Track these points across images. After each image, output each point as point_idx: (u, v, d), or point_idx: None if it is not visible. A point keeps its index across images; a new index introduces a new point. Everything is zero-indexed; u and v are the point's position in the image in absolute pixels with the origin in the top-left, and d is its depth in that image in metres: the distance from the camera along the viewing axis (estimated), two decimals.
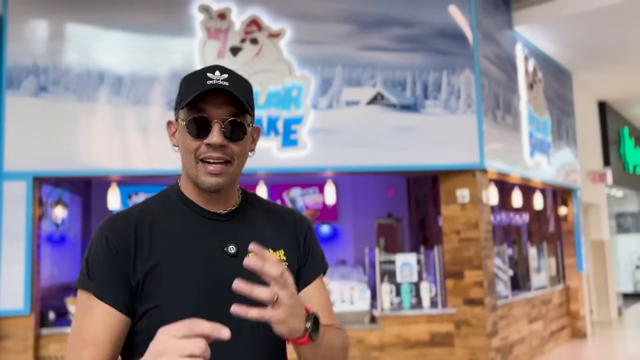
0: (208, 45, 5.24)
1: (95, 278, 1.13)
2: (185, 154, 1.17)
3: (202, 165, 1.15)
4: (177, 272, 1.13)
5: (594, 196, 9.73)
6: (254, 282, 1.06)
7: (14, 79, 4.94)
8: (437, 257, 5.92)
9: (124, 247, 1.13)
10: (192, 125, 1.13)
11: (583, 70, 8.72)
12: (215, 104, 1.13)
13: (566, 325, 8.27)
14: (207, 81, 1.13)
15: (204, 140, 1.13)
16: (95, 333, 1.10)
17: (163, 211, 1.20)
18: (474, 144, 5.67)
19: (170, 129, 1.24)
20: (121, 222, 1.17)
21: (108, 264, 1.13)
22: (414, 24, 5.68)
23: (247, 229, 1.21)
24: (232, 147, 1.15)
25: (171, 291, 1.11)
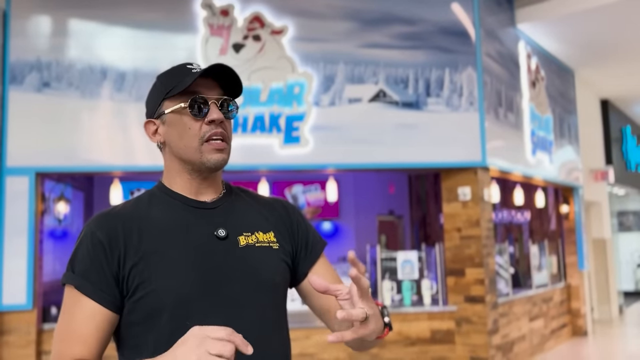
0: (211, 41, 5.24)
1: (81, 274, 1.13)
2: (188, 139, 1.20)
3: (207, 145, 1.20)
4: (169, 258, 1.14)
5: (596, 194, 9.73)
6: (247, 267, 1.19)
7: (17, 74, 4.95)
8: (438, 254, 5.93)
9: (111, 241, 1.14)
10: (192, 106, 1.19)
11: (585, 68, 8.71)
12: (206, 87, 1.21)
13: (567, 323, 8.28)
14: (191, 70, 1.21)
15: (206, 118, 1.19)
16: (81, 331, 1.10)
17: (150, 205, 1.22)
18: (476, 142, 5.67)
19: (149, 128, 1.26)
20: (108, 217, 1.18)
21: (95, 259, 1.13)
22: (417, 22, 5.68)
23: (235, 214, 1.26)
24: (226, 126, 1.23)
25: (166, 277, 1.12)
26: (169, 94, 1.21)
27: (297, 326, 5.35)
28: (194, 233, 1.18)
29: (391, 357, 5.49)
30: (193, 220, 1.21)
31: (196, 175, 1.23)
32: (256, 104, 5.24)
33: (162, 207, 1.22)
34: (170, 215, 1.20)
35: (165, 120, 1.23)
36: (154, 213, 1.21)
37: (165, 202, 1.23)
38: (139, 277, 1.11)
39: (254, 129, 5.20)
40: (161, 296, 1.10)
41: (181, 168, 1.24)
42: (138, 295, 1.11)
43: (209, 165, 1.20)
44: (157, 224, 1.18)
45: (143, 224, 1.18)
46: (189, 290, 1.12)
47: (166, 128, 1.23)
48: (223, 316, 1.12)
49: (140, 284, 1.11)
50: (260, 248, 1.23)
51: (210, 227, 1.20)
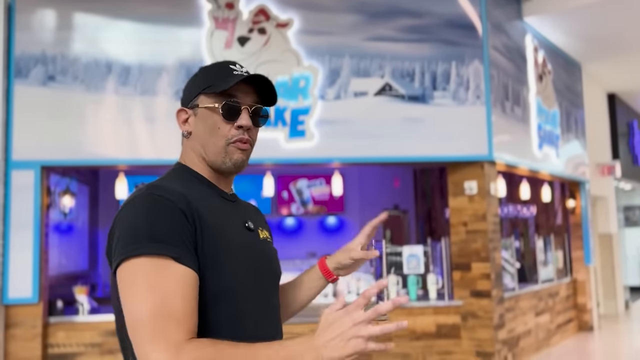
0: (216, 35, 5.22)
1: (169, 241, 1.04)
2: (215, 137, 1.24)
3: (232, 146, 1.24)
4: (231, 243, 1.17)
5: (602, 189, 9.67)
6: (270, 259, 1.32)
7: (22, 68, 4.94)
8: (444, 249, 5.90)
9: (190, 213, 1.10)
10: (225, 108, 1.23)
11: (593, 62, 8.64)
12: (243, 92, 1.25)
13: (573, 318, 8.25)
14: (233, 72, 1.25)
15: (235, 123, 1.23)
16: (185, 305, 1.01)
17: (191, 188, 1.21)
18: (483, 136, 5.64)
19: (181, 116, 1.29)
20: (175, 190, 1.14)
21: (182, 226, 1.08)
22: (423, 14, 5.64)
23: (247, 211, 1.36)
24: (253, 132, 1.28)
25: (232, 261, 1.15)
26: (206, 89, 1.24)
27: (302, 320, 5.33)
28: (235, 222, 1.25)
29: (397, 351, 5.48)
30: (229, 209, 1.27)
31: (217, 172, 1.28)
32: None
33: (202, 191, 1.23)
34: (215, 201, 1.24)
35: (197, 113, 1.26)
36: (201, 194, 1.21)
37: (201, 187, 1.25)
38: (210, 256, 1.11)
39: None
40: (228, 279, 1.13)
41: (202, 160, 1.27)
42: (208, 273, 1.10)
43: (229, 165, 1.24)
44: (212, 209, 1.19)
45: (202, 205, 1.16)
46: (250, 277, 1.19)
47: (196, 120, 1.26)
48: (265, 303, 1.23)
49: (211, 263, 1.11)
50: (269, 243, 1.36)
51: (240, 218, 1.28)
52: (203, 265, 1.10)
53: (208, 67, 1.30)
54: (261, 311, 1.22)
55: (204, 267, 1.10)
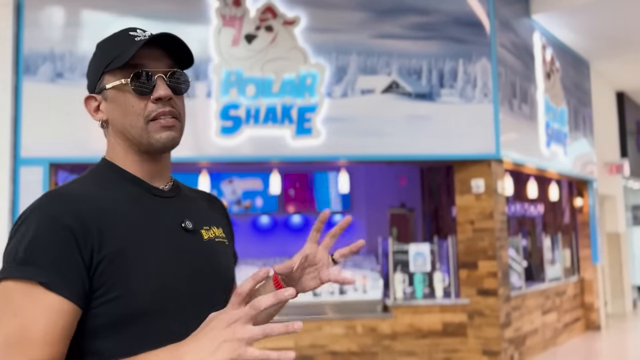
0: (223, 32, 5.23)
1: (48, 266, 0.92)
2: (131, 117, 1.06)
3: (153, 124, 1.06)
4: (144, 253, 1.00)
5: (611, 188, 9.62)
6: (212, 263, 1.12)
7: (30, 65, 4.97)
8: (450, 247, 5.90)
9: (83, 227, 0.95)
10: (135, 82, 1.04)
11: (601, 60, 8.59)
12: (153, 58, 1.06)
13: (580, 317, 8.22)
14: (135, 38, 1.06)
15: (152, 96, 1.05)
16: (45, 331, 0.90)
17: (110, 188, 1.06)
18: (490, 134, 5.62)
19: (90, 105, 1.12)
20: (71, 199, 0.99)
21: (65, 247, 0.93)
22: (430, 12, 5.62)
23: (191, 205, 1.17)
24: (177, 102, 1.09)
25: (140, 276, 0.98)
26: (108, 66, 1.06)
27: (309, 318, 5.35)
28: (161, 224, 1.06)
29: (403, 349, 5.47)
30: (157, 209, 1.08)
31: (146, 157, 1.10)
32: (268, 95, 5.22)
33: (124, 192, 1.07)
34: (133, 203, 1.06)
35: (107, 97, 1.08)
36: (118, 198, 1.05)
37: (121, 185, 1.08)
38: (113, 273, 0.96)
39: (266, 120, 5.19)
40: (135, 300, 0.96)
41: (128, 148, 1.09)
42: (112, 294, 0.96)
43: (157, 146, 1.07)
44: (125, 213, 1.03)
45: (111, 211, 1.01)
46: (180, 286, 1.03)
47: (108, 105, 1.09)
48: (196, 315, 1.01)
49: (115, 282, 0.96)
50: (219, 243, 1.16)
51: (175, 217, 1.09)
52: (108, 285, 0.96)
53: (105, 40, 1.11)
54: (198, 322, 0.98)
55: (110, 287, 0.96)
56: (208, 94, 5.14)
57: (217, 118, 5.13)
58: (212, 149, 5.13)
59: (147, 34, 1.08)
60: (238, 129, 5.15)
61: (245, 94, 5.18)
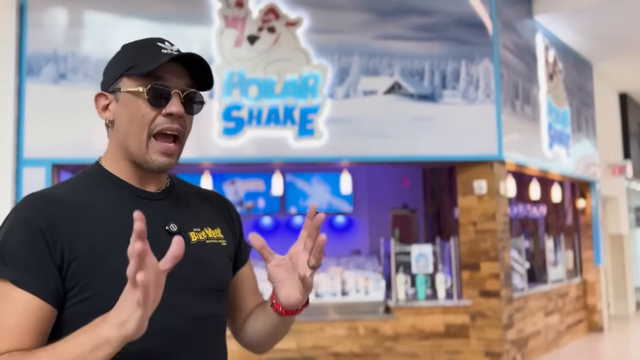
0: (225, 33, 5.23)
1: (12, 264, 0.95)
2: (137, 126, 1.06)
3: (156, 143, 1.07)
4: (119, 256, 0.96)
5: (613, 189, 9.60)
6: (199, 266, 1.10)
7: (33, 66, 4.98)
8: (453, 248, 5.89)
9: (53, 229, 0.98)
10: (151, 93, 1.05)
11: (604, 61, 8.57)
12: (174, 74, 1.08)
13: (583, 318, 8.20)
14: (161, 50, 1.07)
15: (164, 110, 1.06)
16: (13, 323, 0.93)
17: (93, 192, 1.08)
18: (493, 135, 5.61)
19: (100, 102, 1.12)
20: (46, 201, 1.02)
21: (31, 247, 0.97)
22: (433, 13, 5.62)
23: (183, 207, 1.16)
24: (186, 121, 1.10)
25: (115, 277, 0.95)
26: (130, 70, 1.07)
27: (311, 319, 5.35)
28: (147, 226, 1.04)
29: (405, 350, 5.47)
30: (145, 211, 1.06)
31: (138, 168, 1.10)
32: (271, 96, 5.22)
33: (106, 194, 1.08)
34: (117, 205, 1.07)
35: (119, 98, 1.09)
36: (98, 201, 1.06)
37: (108, 189, 1.09)
38: (86, 274, 0.98)
39: (269, 122, 5.19)
40: (110, 299, 0.93)
41: (124, 155, 1.11)
42: (85, 294, 0.98)
43: (151, 167, 1.08)
44: (103, 214, 1.04)
45: (87, 213, 1.03)
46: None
47: (118, 107, 1.09)
48: (176, 318, 1.03)
49: (88, 283, 0.98)
50: (211, 245, 1.14)
51: (160, 220, 1.08)
52: (79, 287, 0.97)
53: (132, 45, 1.12)
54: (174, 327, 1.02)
55: (81, 289, 0.97)
56: (210, 95, 5.14)
57: (219, 119, 5.13)
58: (215, 150, 5.14)
59: (174, 49, 1.10)
60: (240, 130, 5.15)
61: (248, 95, 5.19)
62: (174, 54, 1.06)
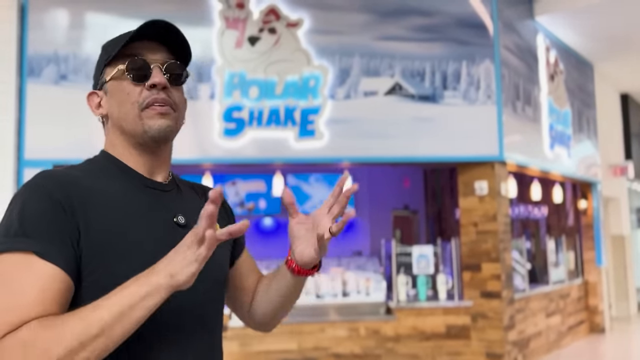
0: (226, 34, 5.23)
1: (35, 235, 0.93)
2: (127, 106, 1.08)
3: (147, 111, 1.07)
4: (130, 242, 1.01)
5: (615, 190, 9.59)
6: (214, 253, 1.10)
7: (34, 67, 4.99)
8: (454, 249, 5.88)
9: (72, 205, 0.97)
10: (130, 69, 1.07)
11: (605, 62, 8.56)
12: (150, 49, 1.09)
13: (584, 319, 8.18)
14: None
15: (147, 83, 1.07)
16: (36, 294, 0.90)
17: (102, 177, 1.07)
18: (493, 136, 5.61)
19: (93, 100, 1.15)
20: (62, 178, 1.01)
21: (53, 218, 0.95)
22: (434, 14, 5.62)
23: (187, 200, 1.17)
24: (173, 93, 1.10)
25: (127, 263, 0.98)
26: (108, 59, 1.09)
27: (312, 320, 5.34)
28: (153, 217, 1.07)
29: (406, 352, 5.46)
30: (152, 202, 1.09)
31: (144, 150, 1.11)
32: (271, 97, 5.22)
33: (117, 182, 1.08)
34: (128, 193, 1.07)
35: (107, 90, 1.11)
36: (110, 187, 1.06)
37: (117, 176, 1.09)
38: (98, 255, 0.97)
39: (269, 122, 5.19)
40: (120, 280, 0.95)
41: (126, 142, 1.11)
42: (95, 276, 0.97)
43: (151, 134, 1.07)
44: (116, 201, 1.04)
45: (101, 197, 1.03)
46: None
47: (108, 99, 1.11)
48: (180, 310, 1.04)
49: (99, 264, 0.97)
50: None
51: (169, 212, 1.09)
52: (91, 267, 0.97)
53: (108, 41, 1.14)
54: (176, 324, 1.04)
55: (93, 269, 0.97)
56: (211, 96, 5.15)
57: (220, 120, 5.14)
58: (215, 150, 5.14)
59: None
60: (241, 131, 5.15)
61: (249, 96, 5.19)
62: (142, 25, 1.06)
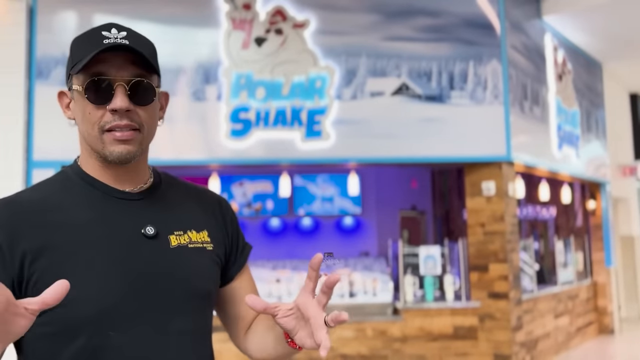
0: (233, 36, 5.25)
1: None
2: (87, 125, 1.01)
3: (108, 135, 1.00)
4: (88, 260, 0.95)
5: (624, 190, 9.52)
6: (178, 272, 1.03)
7: (43, 69, 5.02)
8: (461, 250, 5.86)
9: (12, 236, 0.94)
10: (91, 90, 0.99)
11: (614, 61, 8.51)
12: (115, 65, 0.99)
13: (593, 321, 8.13)
14: (103, 40, 0.99)
15: (108, 106, 0.99)
16: None
17: (63, 193, 1.04)
18: (501, 136, 5.59)
19: (62, 101, 1.09)
20: (9, 209, 0.97)
21: None
22: (440, 14, 5.61)
23: (165, 209, 1.09)
24: (139, 113, 1.02)
25: (85, 284, 0.93)
26: (73, 69, 1.01)
27: None
28: (117, 230, 1.01)
29: (413, 352, 5.45)
30: (116, 214, 1.03)
31: (108, 164, 1.05)
32: (278, 98, 5.23)
33: (78, 195, 1.04)
34: (88, 207, 1.02)
35: (73, 96, 1.05)
36: (67, 202, 1.02)
37: (81, 188, 1.05)
38: (51, 281, 0.87)
39: (276, 123, 5.20)
40: (80, 307, 0.91)
41: (90, 153, 1.06)
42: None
43: (111, 159, 1.01)
44: (72, 216, 1.00)
45: (55, 215, 0.99)
46: (112, 300, 0.95)
47: (74, 105, 1.05)
48: (150, 327, 0.98)
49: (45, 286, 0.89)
50: (194, 250, 1.07)
51: (136, 223, 1.03)
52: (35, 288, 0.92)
53: (77, 38, 1.04)
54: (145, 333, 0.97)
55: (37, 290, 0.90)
56: (218, 97, 5.16)
57: (227, 121, 5.15)
58: (223, 151, 5.15)
59: (119, 36, 1.00)
60: (248, 132, 5.17)
61: (255, 97, 5.20)
62: (105, 45, 0.97)
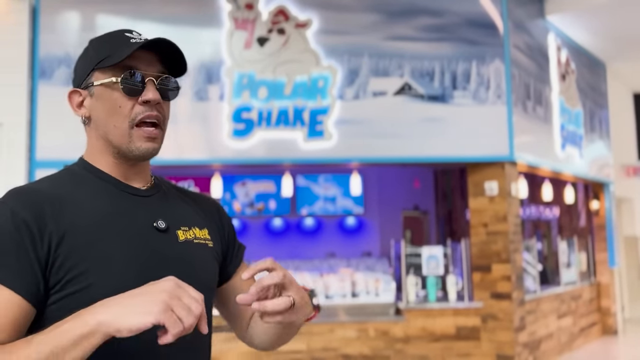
0: (235, 35, 5.25)
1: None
2: (116, 118, 1.06)
3: (138, 130, 1.06)
4: (107, 250, 1.00)
5: (628, 191, 9.49)
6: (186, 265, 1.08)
7: (46, 69, 5.03)
8: (464, 250, 5.85)
9: (39, 220, 0.96)
10: (127, 82, 1.04)
11: (617, 61, 8.48)
12: (145, 61, 1.07)
13: (596, 321, 8.10)
14: (130, 40, 1.06)
15: (141, 98, 1.05)
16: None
17: (74, 186, 1.07)
18: (504, 136, 5.57)
19: (73, 100, 1.12)
20: (30, 194, 1.00)
21: (18, 242, 0.94)
22: (443, 13, 5.60)
23: (171, 205, 1.15)
24: (163, 107, 1.09)
25: (104, 272, 0.98)
26: (100, 63, 1.06)
27: (321, 320, 5.34)
28: (131, 222, 1.05)
29: (415, 353, 5.44)
30: (130, 207, 1.07)
31: (122, 161, 1.10)
32: (280, 98, 5.23)
33: (91, 188, 1.07)
34: (103, 200, 1.06)
35: (93, 93, 1.08)
36: (82, 194, 1.05)
37: (93, 183, 1.09)
38: (73, 268, 0.96)
39: (278, 123, 5.20)
40: (99, 293, 0.93)
41: (105, 149, 1.10)
42: (70, 289, 0.96)
43: (137, 154, 1.07)
44: (89, 208, 1.03)
45: (73, 207, 1.02)
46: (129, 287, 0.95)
47: (93, 102, 1.08)
48: None
49: (74, 276, 0.96)
50: (198, 245, 1.13)
51: (148, 217, 1.08)
52: (64, 280, 0.95)
53: (100, 38, 1.10)
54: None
55: (67, 282, 0.96)
56: (220, 97, 5.17)
57: (229, 121, 5.15)
58: (225, 151, 5.15)
59: (142, 37, 1.08)
60: (250, 132, 5.17)
61: (258, 97, 5.20)
62: (142, 42, 1.05)
